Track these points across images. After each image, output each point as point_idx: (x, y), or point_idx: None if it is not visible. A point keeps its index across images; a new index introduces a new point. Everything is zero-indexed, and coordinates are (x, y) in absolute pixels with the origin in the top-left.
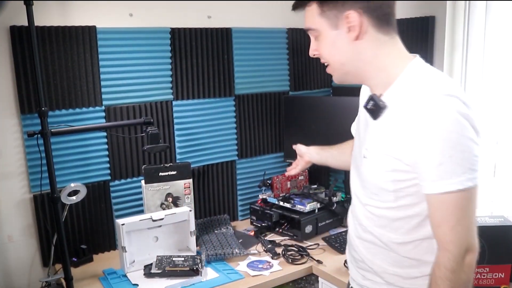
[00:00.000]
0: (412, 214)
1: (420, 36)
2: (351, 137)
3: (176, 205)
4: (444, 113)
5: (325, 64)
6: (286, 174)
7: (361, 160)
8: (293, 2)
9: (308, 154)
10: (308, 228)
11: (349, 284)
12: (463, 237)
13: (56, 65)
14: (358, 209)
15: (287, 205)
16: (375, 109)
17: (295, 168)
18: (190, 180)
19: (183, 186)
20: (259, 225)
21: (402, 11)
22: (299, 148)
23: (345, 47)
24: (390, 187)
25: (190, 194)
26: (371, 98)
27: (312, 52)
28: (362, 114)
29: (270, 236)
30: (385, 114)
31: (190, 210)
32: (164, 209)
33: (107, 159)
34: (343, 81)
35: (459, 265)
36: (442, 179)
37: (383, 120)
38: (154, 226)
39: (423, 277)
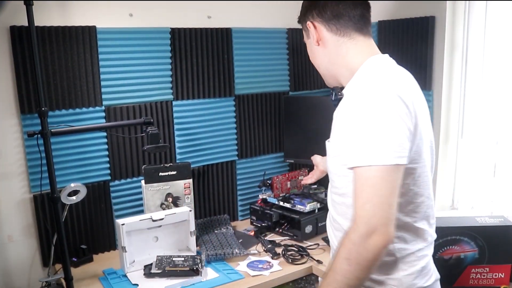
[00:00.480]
0: None
1: (420, 36)
2: None
3: (176, 205)
4: (368, 95)
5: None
6: (302, 183)
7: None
8: (292, 2)
9: (323, 164)
10: (308, 228)
11: None
12: (371, 216)
13: (56, 65)
14: (328, 200)
15: (287, 205)
16: (335, 99)
17: (311, 177)
18: (190, 180)
19: (183, 186)
20: (259, 225)
21: (402, 11)
22: (315, 158)
23: (316, 52)
24: (339, 172)
25: (190, 194)
26: (332, 90)
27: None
28: None
29: (270, 236)
30: (340, 104)
31: (190, 210)
32: (164, 209)
33: (107, 159)
34: (331, 84)
35: (361, 240)
36: (357, 154)
37: (336, 110)
38: (154, 226)
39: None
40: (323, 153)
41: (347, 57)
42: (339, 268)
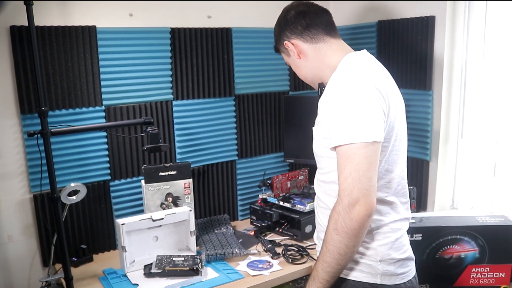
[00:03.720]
0: None
1: (420, 36)
2: None
3: (176, 205)
4: (344, 81)
5: None
6: None
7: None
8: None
9: None
10: (308, 228)
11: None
12: (352, 189)
13: (56, 65)
14: (315, 181)
15: (287, 205)
16: (320, 94)
17: None
18: (190, 180)
19: (183, 186)
20: (259, 225)
21: (402, 11)
22: None
23: (301, 65)
24: (323, 153)
25: (190, 194)
26: (319, 86)
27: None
28: None
29: (270, 236)
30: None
31: (190, 210)
32: (164, 209)
33: (107, 159)
34: (315, 86)
35: (345, 211)
36: (338, 133)
37: (319, 100)
38: (154, 226)
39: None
40: None
41: (326, 59)
42: (329, 238)
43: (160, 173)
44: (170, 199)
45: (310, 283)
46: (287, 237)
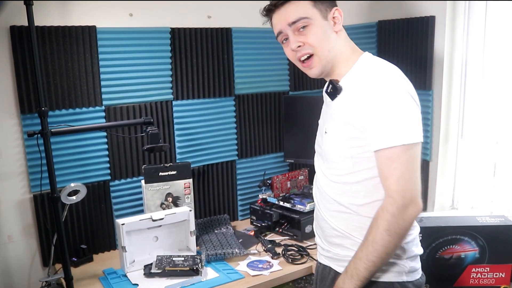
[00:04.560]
0: (369, 177)
1: (420, 36)
2: None
3: (176, 205)
4: (387, 83)
5: (305, 57)
6: None
7: (322, 137)
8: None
9: None
10: (308, 228)
11: (318, 263)
12: (407, 189)
13: (56, 65)
14: (321, 181)
15: (287, 205)
16: (333, 91)
17: None
18: (190, 180)
19: (183, 186)
20: (259, 225)
21: (402, 11)
22: None
23: (332, 36)
24: (348, 154)
25: (190, 194)
26: (330, 82)
27: (297, 44)
28: (325, 101)
29: (270, 236)
30: (342, 95)
31: (190, 210)
32: (164, 209)
33: (107, 159)
34: (321, 73)
35: (399, 212)
36: (387, 135)
37: (340, 99)
38: (154, 226)
39: None
40: None
41: (348, 52)
42: (379, 239)
43: (160, 173)
44: (170, 199)
45: (347, 281)
46: (287, 237)
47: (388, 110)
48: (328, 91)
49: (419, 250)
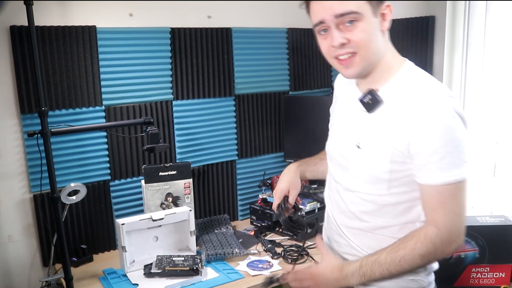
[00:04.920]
0: (402, 201)
1: (420, 36)
2: None
3: (176, 205)
4: (444, 110)
5: (348, 55)
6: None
7: (351, 150)
8: (292, 2)
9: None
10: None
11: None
12: (455, 223)
13: (56, 65)
14: (344, 196)
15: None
16: (372, 103)
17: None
18: (190, 180)
19: (183, 186)
20: (259, 224)
21: (402, 11)
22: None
23: (378, 35)
24: (386, 177)
25: (190, 194)
26: (370, 92)
27: (341, 41)
28: (346, 106)
29: (270, 236)
30: (382, 108)
31: (190, 210)
32: (164, 209)
33: (107, 159)
34: (359, 74)
35: (442, 245)
36: (442, 171)
37: (381, 114)
38: (154, 226)
39: None
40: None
41: (390, 56)
42: (411, 259)
43: (160, 173)
44: (170, 199)
45: (356, 278)
46: (287, 237)
47: (444, 143)
48: (366, 101)
49: (436, 265)
